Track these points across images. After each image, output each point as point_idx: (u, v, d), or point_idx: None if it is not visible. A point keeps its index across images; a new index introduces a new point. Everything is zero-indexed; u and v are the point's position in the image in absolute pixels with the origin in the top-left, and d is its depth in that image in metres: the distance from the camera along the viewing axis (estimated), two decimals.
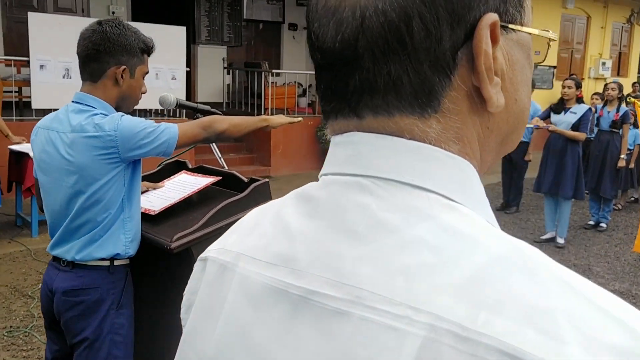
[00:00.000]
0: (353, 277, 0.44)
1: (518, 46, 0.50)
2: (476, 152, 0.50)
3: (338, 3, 0.47)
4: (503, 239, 0.43)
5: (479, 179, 0.50)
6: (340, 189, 0.49)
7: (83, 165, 1.73)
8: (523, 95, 0.51)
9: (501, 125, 0.51)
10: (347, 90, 0.48)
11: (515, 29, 0.49)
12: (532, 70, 0.53)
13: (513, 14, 0.49)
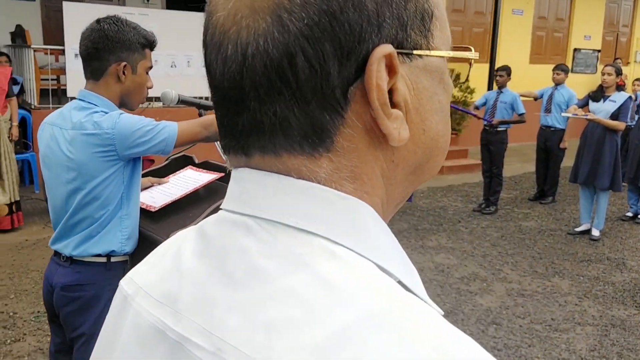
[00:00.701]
0: (220, 327, 0.41)
1: (426, 73, 0.46)
2: (379, 189, 0.47)
3: (222, 39, 0.44)
4: (382, 293, 0.40)
5: (378, 219, 0.46)
6: (228, 229, 0.46)
7: (82, 162, 1.74)
8: (434, 124, 0.48)
9: (409, 158, 0.48)
10: (237, 130, 0.46)
11: (422, 55, 0.46)
12: (448, 93, 0.50)
13: (416, 39, 0.45)
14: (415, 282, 0.47)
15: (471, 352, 0.38)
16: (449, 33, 0.50)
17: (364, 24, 0.41)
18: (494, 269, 4.98)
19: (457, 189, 8.03)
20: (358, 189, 0.45)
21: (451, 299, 4.34)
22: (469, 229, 6.18)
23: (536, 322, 3.98)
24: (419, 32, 0.45)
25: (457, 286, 4.59)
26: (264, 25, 0.41)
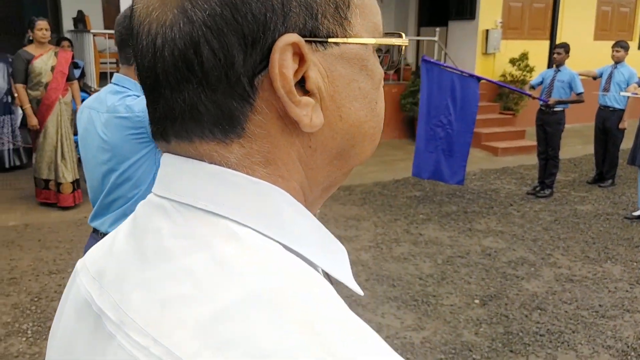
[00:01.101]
0: (127, 302, 0.44)
1: (342, 60, 0.47)
2: (296, 173, 0.49)
3: (138, 30, 0.47)
4: (273, 273, 0.42)
5: (294, 202, 0.48)
6: (150, 210, 0.49)
7: (116, 144, 1.82)
8: (353, 110, 0.49)
9: (327, 143, 0.49)
10: (156, 116, 0.49)
11: (338, 42, 0.46)
12: (374, 80, 0.51)
13: (330, 27, 0.46)
14: (333, 263, 0.49)
15: (345, 333, 0.39)
16: (376, 20, 0.50)
17: (269, 13, 0.43)
18: (544, 254, 4.86)
19: (511, 171, 7.83)
20: (272, 174, 0.47)
21: (496, 284, 4.27)
22: (521, 212, 6.03)
23: (583, 308, 3.87)
24: (333, 20, 0.46)
25: (504, 270, 4.52)
26: (171, 17, 0.44)
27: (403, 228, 5.49)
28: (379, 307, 3.88)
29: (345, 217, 5.77)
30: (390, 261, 4.68)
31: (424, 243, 5.11)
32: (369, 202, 6.30)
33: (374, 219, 5.74)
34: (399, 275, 4.41)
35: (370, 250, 4.89)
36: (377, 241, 5.12)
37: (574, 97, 6.42)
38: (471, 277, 4.38)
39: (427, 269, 4.55)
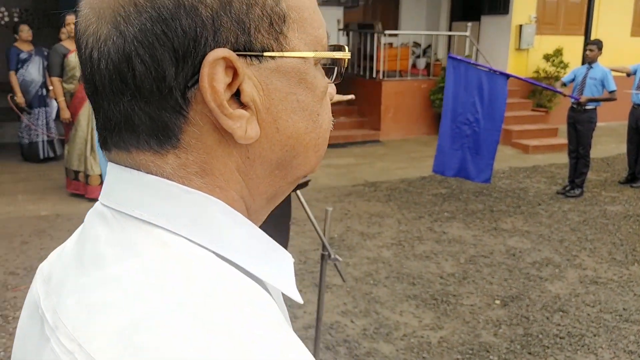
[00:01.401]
0: (62, 306, 0.46)
1: (278, 74, 0.48)
2: (235, 183, 0.50)
3: (79, 43, 0.49)
4: (196, 282, 0.43)
5: (231, 212, 0.49)
6: (93, 218, 0.51)
7: None
8: (291, 123, 0.50)
9: (265, 154, 0.50)
10: (99, 126, 0.51)
11: (275, 56, 0.48)
12: (315, 93, 0.52)
13: (264, 42, 0.47)
14: (273, 271, 0.50)
15: (266, 350, 0.40)
16: (318, 33, 0.51)
17: (199, 28, 0.44)
18: (570, 255, 4.77)
19: (542, 170, 7.69)
20: (209, 184, 0.48)
21: (518, 284, 4.21)
22: (549, 212, 5.93)
23: (606, 311, 3.79)
24: (268, 35, 0.47)
25: (527, 271, 4.45)
26: (105, 32, 0.45)
27: (427, 226, 5.45)
28: (398, 305, 3.87)
29: (369, 213, 5.76)
30: (411, 259, 4.66)
31: (447, 241, 5.07)
32: (393, 198, 6.28)
33: (398, 216, 5.72)
34: (419, 273, 4.39)
35: (392, 248, 4.88)
36: (399, 238, 5.10)
37: (606, 95, 6.26)
38: (493, 277, 4.33)
39: (448, 267, 4.51)
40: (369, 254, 4.72)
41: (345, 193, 6.43)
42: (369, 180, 6.97)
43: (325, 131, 0.54)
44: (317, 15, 0.52)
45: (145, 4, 0.44)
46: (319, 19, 0.52)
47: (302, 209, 4.90)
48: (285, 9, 0.48)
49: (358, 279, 4.25)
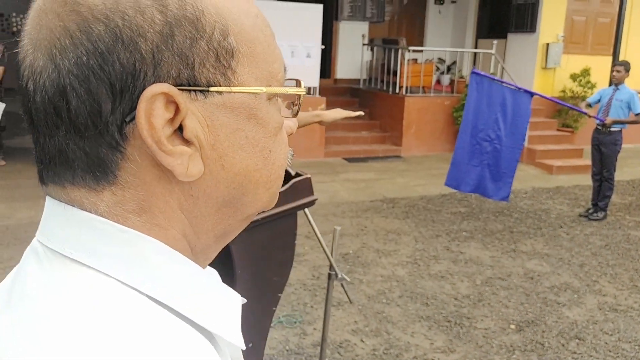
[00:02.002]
0: None
1: (225, 109, 0.47)
2: (177, 222, 0.48)
3: (19, 73, 0.47)
4: (114, 333, 0.41)
5: (167, 252, 0.47)
6: (28, 253, 0.50)
7: None
8: (238, 160, 0.49)
9: (210, 192, 0.48)
10: (36, 159, 0.49)
11: (222, 91, 0.46)
12: (266, 128, 0.50)
13: (210, 76, 0.46)
14: (212, 313, 0.48)
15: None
16: (273, 67, 0.50)
17: (138, 63, 0.43)
18: (589, 280, 4.65)
19: (565, 191, 7.55)
20: (147, 222, 0.46)
21: (535, 309, 4.12)
22: (570, 235, 5.80)
23: (625, 340, 3.67)
24: (214, 69, 0.45)
25: (545, 295, 4.35)
26: (41, 64, 0.44)
27: (444, 245, 5.37)
28: (410, 325, 3.81)
29: (385, 230, 5.71)
30: (426, 278, 4.59)
31: (463, 262, 4.99)
32: (411, 216, 6.21)
33: (415, 233, 5.65)
34: (434, 293, 4.32)
35: (407, 266, 4.82)
36: (415, 257, 5.04)
37: (632, 117, 6.13)
38: (509, 301, 4.24)
39: (464, 289, 4.43)
40: (383, 272, 4.66)
41: (363, 208, 6.39)
42: (388, 196, 6.92)
43: (279, 167, 0.53)
44: (271, 49, 0.50)
45: (81, 37, 0.42)
46: (274, 53, 0.51)
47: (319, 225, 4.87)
48: (234, 43, 0.46)
49: (371, 297, 4.20)
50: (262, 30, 0.49)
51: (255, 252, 1.96)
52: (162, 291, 0.45)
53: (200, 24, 0.45)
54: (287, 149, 0.55)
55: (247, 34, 0.47)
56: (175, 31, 0.44)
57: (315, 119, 2.08)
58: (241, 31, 0.47)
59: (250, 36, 0.48)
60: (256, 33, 0.48)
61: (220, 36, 0.45)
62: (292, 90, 0.52)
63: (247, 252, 1.94)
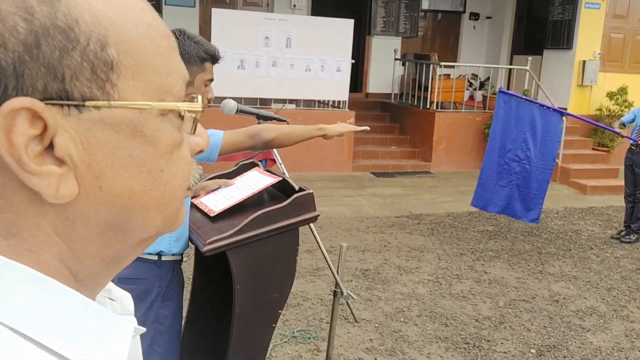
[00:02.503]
0: None
1: (104, 126, 0.43)
2: (51, 246, 0.45)
3: None
4: None
5: (35, 278, 0.43)
6: None
7: None
8: (119, 181, 0.45)
9: (88, 214, 0.45)
10: None
11: (100, 107, 0.43)
12: (155, 146, 0.46)
13: (85, 90, 0.42)
14: (89, 346, 0.44)
15: None
16: (167, 81, 0.46)
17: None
18: (617, 305, 4.48)
19: (598, 212, 7.33)
20: (15, 247, 0.43)
21: (558, 333, 3.98)
22: (601, 257, 5.62)
23: None
24: (90, 83, 0.42)
25: (569, 320, 4.21)
26: None
27: (468, 264, 5.27)
28: (426, 346, 3.73)
29: (409, 247, 5.63)
30: (447, 298, 4.50)
31: (487, 282, 4.87)
32: (436, 233, 6.12)
33: (439, 251, 5.56)
34: (454, 314, 4.23)
35: (429, 285, 4.74)
36: (437, 275, 4.95)
37: None
38: (532, 324, 4.12)
39: (485, 310, 4.33)
40: (403, 289, 4.59)
41: (388, 224, 6.33)
42: (414, 212, 6.84)
43: (174, 189, 0.49)
44: (166, 61, 0.47)
45: None
46: (168, 66, 0.47)
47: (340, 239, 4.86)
48: (114, 54, 0.43)
49: (388, 315, 4.14)
50: (153, 40, 0.46)
51: (255, 267, 1.95)
52: (28, 324, 0.42)
53: (73, 33, 0.41)
54: (190, 167, 0.51)
55: (132, 44, 0.44)
56: (41, 41, 0.40)
57: (319, 132, 2.06)
58: (124, 42, 0.44)
59: (137, 47, 0.44)
60: (145, 44, 0.45)
61: (98, 47, 0.42)
62: (186, 106, 0.48)
63: (246, 266, 1.93)
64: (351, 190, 7.69)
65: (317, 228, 6.03)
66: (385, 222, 6.39)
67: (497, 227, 6.43)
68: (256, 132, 1.91)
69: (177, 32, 1.95)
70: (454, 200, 7.45)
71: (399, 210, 6.90)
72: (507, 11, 11.25)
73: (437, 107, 9.08)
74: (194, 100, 0.51)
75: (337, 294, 2.45)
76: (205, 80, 1.99)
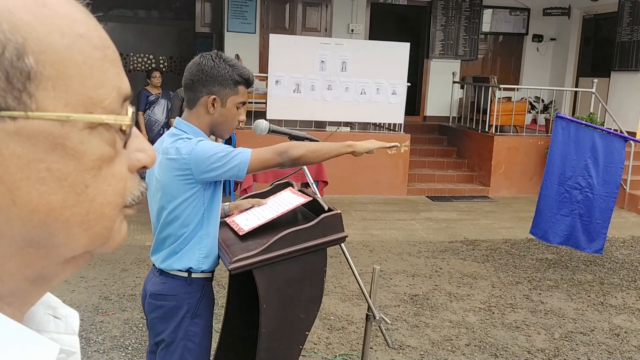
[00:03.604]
0: None
1: (20, 137, 0.42)
2: None
3: None
4: None
5: None
6: None
7: (165, 183, 1.93)
8: (36, 195, 0.43)
9: (2, 230, 0.44)
10: None
11: (16, 117, 0.42)
12: (83, 160, 0.45)
13: (0, 101, 0.41)
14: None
15: None
16: (96, 93, 0.45)
17: None
18: None
19: None
20: None
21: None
22: None
23: None
24: (4, 92, 0.41)
25: (630, 355, 3.95)
26: None
27: (523, 293, 5.06)
28: None
29: (461, 273, 5.47)
30: (499, 327, 4.33)
31: (543, 312, 4.66)
32: (492, 259, 5.92)
33: (493, 278, 5.37)
34: (505, 344, 4.05)
35: (480, 313, 4.57)
36: (489, 304, 4.78)
37: None
38: (589, 359, 3.89)
39: (539, 342, 4.12)
40: (452, 317, 4.45)
41: (441, 249, 6.18)
42: (469, 238, 6.65)
43: (103, 205, 0.47)
44: (96, 73, 0.45)
45: None
46: (99, 78, 0.46)
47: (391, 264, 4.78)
48: (32, 64, 0.42)
49: (435, 343, 4.02)
50: (83, 52, 0.44)
51: (282, 287, 1.94)
52: None
53: None
54: (126, 184, 0.50)
55: (56, 54, 0.43)
56: None
57: (347, 149, 2.04)
58: (46, 51, 0.42)
59: (61, 57, 0.43)
60: (72, 54, 0.44)
61: (14, 56, 0.41)
62: (111, 118, 0.46)
63: (273, 286, 1.92)
64: (405, 214, 7.58)
65: (367, 252, 5.99)
66: (438, 247, 6.25)
67: (557, 256, 6.16)
68: (284, 149, 1.92)
69: (214, 55, 2.00)
70: (512, 227, 7.20)
71: (453, 235, 6.73)
72: (572, 33, 10.93)
73: (496, 130, 8.87)
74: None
75: (369, 318, 2.40)
76: (237, 102, 2.02)
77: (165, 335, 2.00)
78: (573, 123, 5.49)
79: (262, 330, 1.94)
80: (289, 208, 2.12)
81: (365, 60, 7.92)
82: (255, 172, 1.96)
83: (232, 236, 2.10)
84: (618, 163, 5.41)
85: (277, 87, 7.87)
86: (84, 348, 3.70)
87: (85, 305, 4.36)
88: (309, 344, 3.88)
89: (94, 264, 5.27)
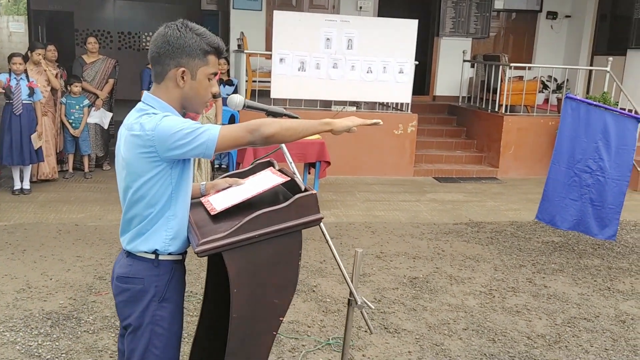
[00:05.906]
0: None
1: None
2: None
3: None
4: None
5: None
6: None
7: (130, 161, 1.83)
8: None
9: None
10: None
11: None
12: None
13: None
14: None
15: None
16: None
17: None
18: None
19: None
20: None
21: (620, 357, 3.62)
22: None
23: None
24: None
25: (635, 343, 3.82)
26: None
27: (527, 277, 4.93)
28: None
29: (464, 255, 5.35)
30: (499, 312, 4.21)
31: (546, 297, 4.53)
32: (496, 242, 5.79)
33: (496, 261, 5.25)
34: (504, 329, 3.94)
35: (480, 297, 4.46)
36: (490, 287, 4.66)
37: None
38: (592, 346, 3.77)
39: (540, 327, 4.01)
40: (451, 300, 4.35)
41: (445, 231, 6.06)
42: (474, 220, 6.52)
43: None
44: None
45: None
46: None
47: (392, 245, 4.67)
48: None
49: (432, 326, 3.92)
50: None
51: (253, 271, 1.84)
52: None
53: None
54: None
55: None
56: None
57: (325, 127, 1.92)
58: None
59: None
60: None
61: None
62: None
63: (243, 270, 1.82)
64: (410, 195, 7.46)
65: (369, 233, 5.89)
66: (441, 229, 6.13)
67: (564, 239, 6.01)
68: (256, 127, 1.80)
69: (179, 24, 1.88)
70: (519, 209, 7.05)
71: (458, 217, 6.60)
72: (588, 9, 10.61)
73: (506, 110, 8.66)
74: None
75: (351, 303, 2.30)
76: (208, 73, 1.90)
77: (132, 320, 1.91)
78: (583, 104, 5.30)
79: (233, 315, 1.84)
80: (264, 189, 2.01)
81: (372, 37, 7.74)
82: (225, 150, 1.84)
83: (205, 217, 2.00)
84: (630, 145, 5.23)
85: (282, 66, 7.72)
86: (74, 328, 3.66)
87: (80, 284, 4.32)
88: (302, 326, 3.81)
89: (91, 242, 5.23)
